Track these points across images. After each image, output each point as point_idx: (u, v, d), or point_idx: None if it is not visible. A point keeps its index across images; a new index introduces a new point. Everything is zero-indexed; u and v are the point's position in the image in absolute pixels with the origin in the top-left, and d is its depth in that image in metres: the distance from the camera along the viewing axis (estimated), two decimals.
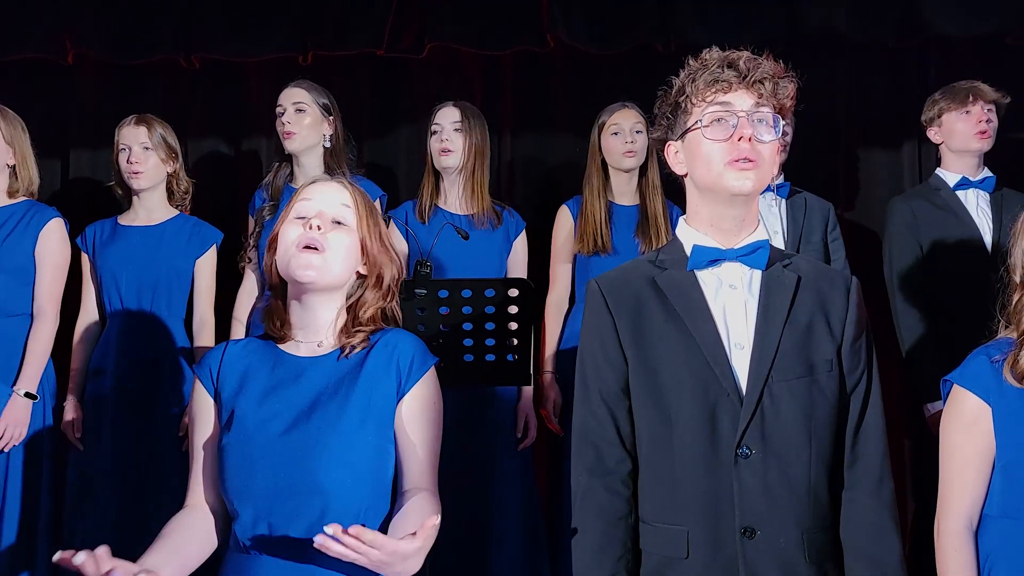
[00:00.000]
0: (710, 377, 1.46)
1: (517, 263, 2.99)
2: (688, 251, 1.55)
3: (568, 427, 2.60)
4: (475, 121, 2.93)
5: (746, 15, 3.11)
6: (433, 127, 2.95)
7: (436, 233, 2.69)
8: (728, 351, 1.48)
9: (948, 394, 1.71)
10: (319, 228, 1.55)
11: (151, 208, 2.93)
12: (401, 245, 2.91)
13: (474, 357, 2.31)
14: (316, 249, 1.54)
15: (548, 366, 2.91)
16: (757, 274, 1.52)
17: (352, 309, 1.60)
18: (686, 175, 1.56)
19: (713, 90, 1.47)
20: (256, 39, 3.16)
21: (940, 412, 1.76)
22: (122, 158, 2.87)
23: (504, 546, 2.82)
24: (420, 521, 1.34)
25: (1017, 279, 1.68)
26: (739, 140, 1.45)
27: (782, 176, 3.01)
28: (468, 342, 2.28)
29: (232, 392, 1.56)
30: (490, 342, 2.28)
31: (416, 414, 1.55)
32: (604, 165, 2.99)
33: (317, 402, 1.52)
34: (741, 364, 1.47)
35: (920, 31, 3.13)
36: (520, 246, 3.00)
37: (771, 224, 2.96)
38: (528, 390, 2.84)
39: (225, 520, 1.54)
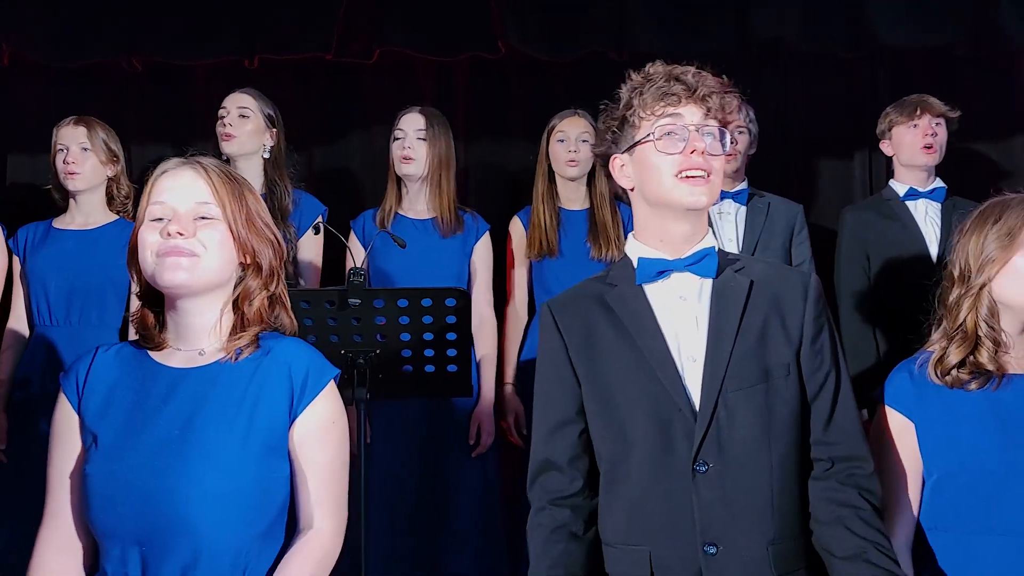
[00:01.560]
0: (661, 393, 1.45)
1: (480, 267, 2.93)
2: (636, 265, 1.53)
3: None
4: (440, 129, 2.89)
5: (698, 24, 3.10)
6: (396, 132, 2.90)
7: (373, 242, 2.67)
8: (680, 365, 1.46)
9: (875, 411, 1.70)
10: (180, 234, 1.39)
11: (88, 212, 2.85)
12: (360, 254, 2.86)
13: (413, 368, 2.26)
14: (183, 255, 1.38)
15: (508, 378, 2.87)
16: (708, 283, 1.51)
17: (238, 306, 1.45)
18: (632, 189, 1.55)
19: (662, 104, 1.47)
20: (201, 42, 3.09)
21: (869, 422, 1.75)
22: (59, 159, 2.80)
23: (462, 548, 2.78)
24: None
25: (956, 274, 1.67)
26: (691, 153, 1.45)
27: (743, 182, 3.00)
28: (406, 353, 2.24)
29: (96, 411, 1.40)
30: (429, 352, 2.23)
31: (313, 436, 1.41)
32: (552, 171, 2.97)
33: (191, 424, 1.36)
34: (695, 377, 1.46)
35: (870, 42, 3.14)
36: (483, 249, 2.95)
37: (726, 232, 2.95)
38: (487, 396, 2.79)
39: (93, 550, 1.40)
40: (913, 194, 2.92)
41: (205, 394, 1.39)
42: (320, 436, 1.42)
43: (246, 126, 2.84)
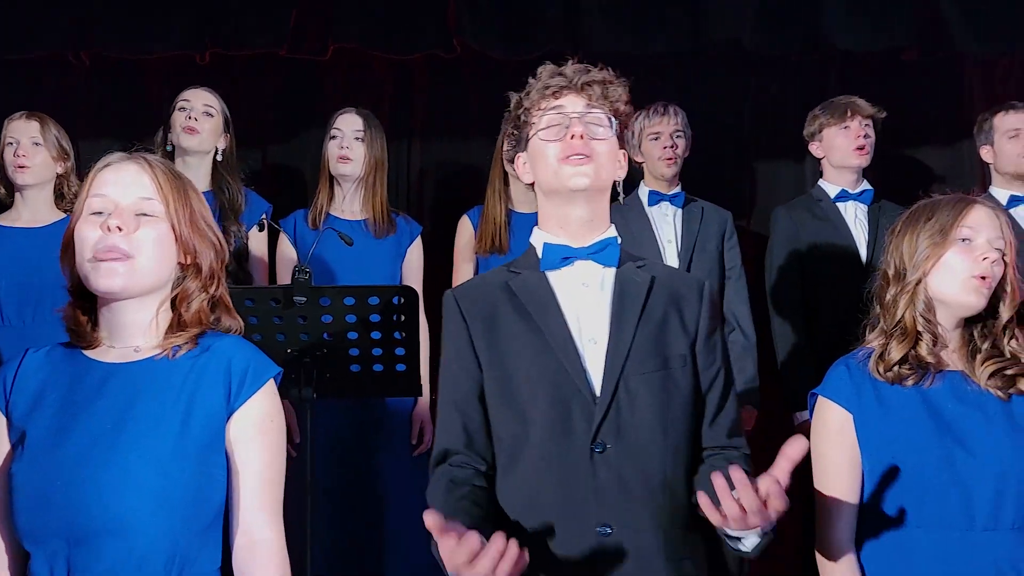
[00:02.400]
0: (562, 374, 1.46)
1: (412, 269, 2.94)
2: (540, 253, 1.56)
3: None
4: (376, 131, 2.90)
5: (653, 25, 3.13)
6: (333, 132, 2.90)
7: (319, 239, 2.63)
8: (580, 347, 1.48)
9: (814, 407, 1.72)
10: (120, 229, 1.33)
11: (35, 209, 2.79)
12: (289, 253, 2.85)
13: (361, 367, 2.25)
14: (119, 257, 1.33)
15: None
16: (610, 272, 1.54)
17: (176, 306, 1.40)
18: (534, 183, 1.59)
19: (545, 97, 1.53)
20: (151, 36, 3.05)
21: (808, 422, 1.77)
22: (8, 152, 2.74)
23: (400, 547, 2.77)
24: None
25: (891, 273, 1.70)
26: (571, 138, 1.49)
27: (679, 186, 3.03)
28: (354, 351, 2.22)
29: (25, 410, 1.34)
30: (377, 351, 2.22)
31: (249, 434, 1.36)
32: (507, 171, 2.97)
33: (124, 419, 1.31)
34: (595, 360, 1.48)
35: (821, 46, 3.19)
36: (415, 252, 2.96)
37: (665, 233, 2.98)
38: (426, 395, 2.79)
39: (22, 557, 1.33)
40: (843, 196, 2.95)
41: (139, 389, 1.34)
42: (257, 434, 1.38)
43: (208, 124, 2.82)
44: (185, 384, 1.35)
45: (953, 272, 1.64)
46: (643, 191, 3.03)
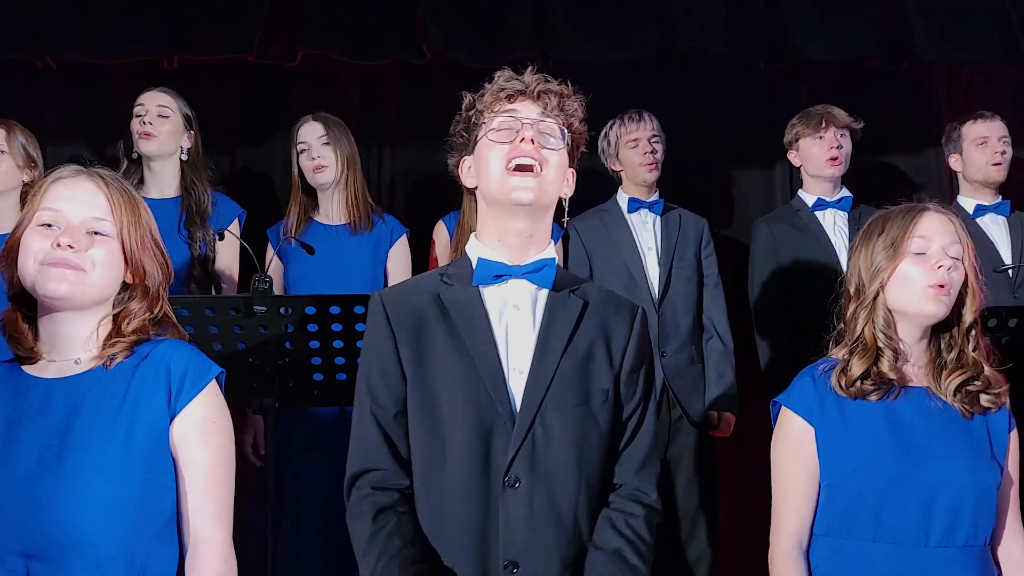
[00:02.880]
0: (486, 401, 1.42)
1: (397, 269, 2.91)
2: (475, 266, 1.51)
3: None
4: (340, 131, 2.88)
5: (621, 33, 3.13)
6: (300, 145, 2.88)
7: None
8: (507, 375, 1.44)
9: (777, 416, 1.72)
10: (71, 247, 1.35)
11: (1, 217, 2.76)
12: (275, 262, 2.85)
13: (324, 376, 2.24)
14: (69, 267, 1.35)
15: None
16: (544, 294, 1.50)
17: (116, 320, 1.42)
18: (476, 188, 1.55)
19: (500, 100, 1.50)
20: (117, 41, 3.02)
21: None
22: None
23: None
24: None
25: (851, 290, 1.71)
26: (521, 141, 1.44)
27: (657, 193, 3.04)
28: (316, 360, 2.21)
29: None
30: (340, 360, 2.21)
31: (192, 436, 1.38)
32: None
33: (70, 432, 1.33)
34: (519, 389, 1.44)
35: (788, 55, 3.20)
36: (399, 253, 2.93)
37: (645, 240, 3.00)
38: None
39: None
40: (821, 204, 2.99)
41: (81, 401, 1.35)
42: (200, 436, 1.39)
43: (165, 126, 2.78)
44: (127, 393, 1.37)
45: (910, 283, 1.65)
46: (622, 198, 3.05)
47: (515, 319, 1.48)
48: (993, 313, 2.22)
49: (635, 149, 2.98)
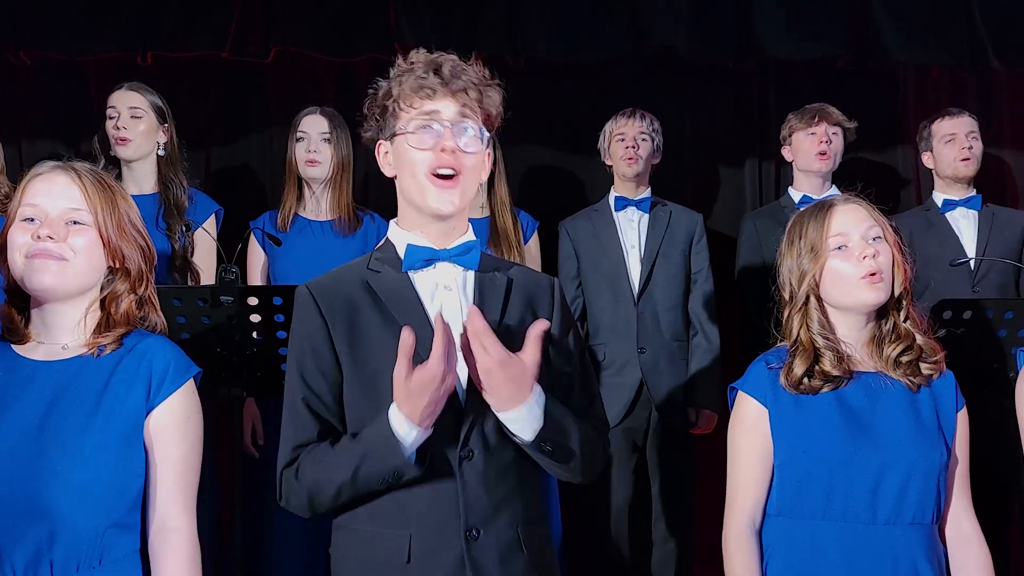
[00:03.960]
0: None
1: None
2: (401, 252, 1.51)
3: None
4: (342, 131, 2.90)
5: (592, 31, 3.17)
6: (299, 135, 2.89)
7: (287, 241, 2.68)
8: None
9: (734, 400, 1.76)
10: (50, 238, 1.43)
11: None
12: (257, 258, 2.86)
13: None
14: (51, 258, 1.43)
15: None
16: (471, 275, 1.52)
17: (105, 306, 1.49)
18: (395, 177, 1.55)
19: (419, 96, 1.47)
20: (91, 37, 3.04)
21: None
22: None
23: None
24: None
25: (786, 296, 1.76)
26: (442, 151, 1.44)
27: (647, 191, 3.08)
28: (284, 351, 2.23)
29: None
30: None
31: (167, 429, 1.46)
32: None
33: (51, 413, 1.40)
34: (460, 365, 1.44)
35: (756, 54, 3.25)
36: None
37: (629, 239, 3.04)
38: None
39: None
40: (807, 201, 3.02)
41: (65, 386, 1.43)
42: (174, 431, 1.47)
43: (139, 127, 2.79)
44: (109, 382, 1.45)
45: (841, 279, 1.69)
46: (611, 196, 3.10)
47: (447, 299, 1.50)
48: (948, 305, 2.27)
49: (620, 143, 3.03)
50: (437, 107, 1.46)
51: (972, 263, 2.95)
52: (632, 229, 3.04)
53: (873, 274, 1.66)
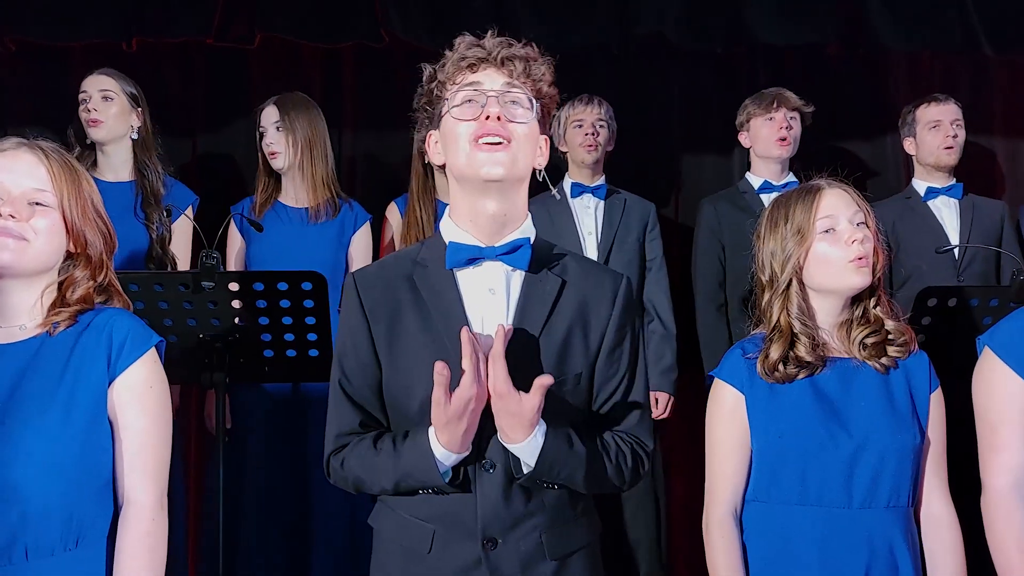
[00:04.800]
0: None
1: (359, 256, 2.93)
2: (447, 250, 1.45)
3: None
4: (296, 112, 2.86)
5: (579, 17, 3.16)
6: (260, 128, 2.91)
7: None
8: (480, 363, 1.39)
9: (711, 388, 1.77)
10: (12, 217, 1.40)
11: None
12: (236, 244, 2.87)
13: (274, 352, 2.26)
14: (11, 236, 1.40)
15: None
16: (519, 276, 1.44)
17: (61, 289, 1.47)
18: (444, 165, 1.48)
19: (462, 71, 1.42)
20: (76, 23, 3.02)
21: None
22: None
23: (328, 548, 2.76)
24: None
25: (765, 279, 1.75)
26: (487, 119, 1.37)
27: (602, 178, 3.08)
28: (266, 337, 2.23)
29: None
30: (289, 337, 2.24)
31: (128, 400, 1.43)
32: (430, 164, 2.98)
33: (13, 394, 1.39)
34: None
35: (745, 40, 3.24)
36: (361, 239, 2.95)
37: (586, 225, 3.03)
38: None
39: None
40: (767, 187, 3.03)
41: (25, 366, 1.41)
42: (137, 400, 1.44)
43: (111, 109, 2.78)
44: (70, 359, 1.42)
45: (828, 262, 1.69)
46: (566, 183, 3.08)
47: (490, 304, 1.43)
48: (933, 292, 2.27)
49: (578, 130, 3.02)
50: (481, 78, 1.41)
51: (956, 252, 2.95)
52: (588, 216, 3.04)
53: (861, 258, 1.67)
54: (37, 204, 1.43)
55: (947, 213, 3.07)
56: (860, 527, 1.63)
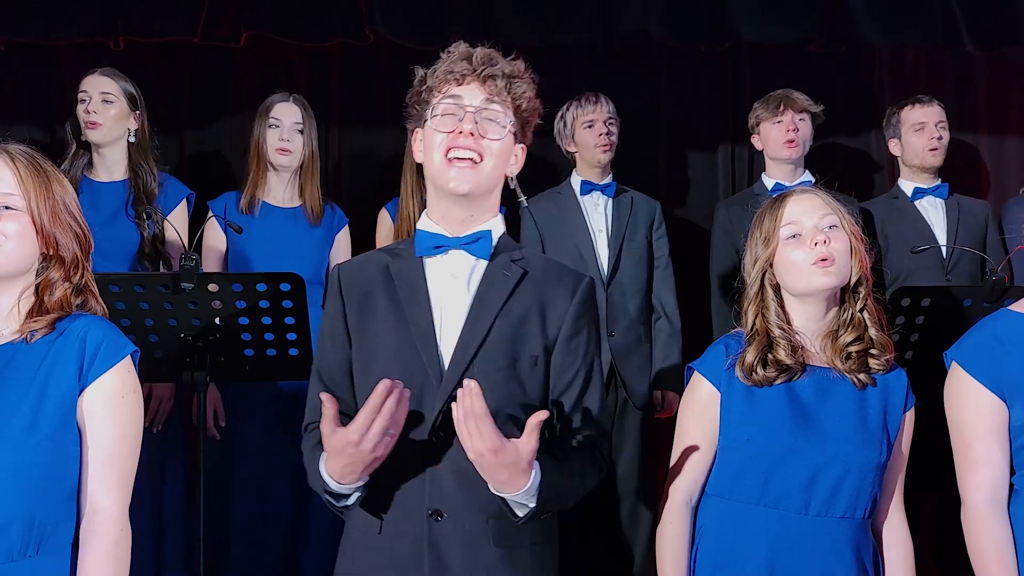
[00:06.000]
0: (417, 364, 1.47)
1: (339, 256, 2.96)
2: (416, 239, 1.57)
3: None
4: (312, 120, 2.93)
5: (563, 15, 3.15)
6: (271, 120, 2.88)
7: (251, 226, 2.71)
8: (438, 339, 1.49)
9: (690, 379, 1.80)
10: None
11: None
12: (217, 242, 2.86)
13: (254, 352, 2.29)
14: None
15: None
16: (483, 265, 1.54)
17: (38, 292, 1.47)
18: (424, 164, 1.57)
19: (448, 82, 1.51)
20: (62, 22, 3.01)
21: None
22: None
23: (319, 548, 2.78)
24: None
25: (747, 284, 1.79)
26: (460, 134, 1.47)
27: (610, 175, 3.10)
28: (246, 336, 2.26)
29: None
30: (269, 336, 2.26)
31: (98, 409, 1.43)
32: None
33: None
34: (450, 353, 1.49)
35: (728, 37, 3.24)
36: (343, 241, 2.99)
37: (596, 223, 3.05)
38: None
39: None
40: (780, 189, 3.02)
41: None
42: (107, 410, 1.44)
43: (110, 111, 2.79)
44: (41, 366, 1.42)
45: (793, 266, 1.72)
46: (575, 180, 3.10)
47: (451, 287, 1.53)
48: (907, 293, 2.29)
49: (590, 130, 3.03)
50: (463, 92, 1.50)
51: (944, 251, 2.98)
52: (598, 213, 3.06)
53: (824, 259, 1.69)
54: (6, 208, 1.43)
55: (934, 213, 3.10)
56: (812, 534, 1.65)
